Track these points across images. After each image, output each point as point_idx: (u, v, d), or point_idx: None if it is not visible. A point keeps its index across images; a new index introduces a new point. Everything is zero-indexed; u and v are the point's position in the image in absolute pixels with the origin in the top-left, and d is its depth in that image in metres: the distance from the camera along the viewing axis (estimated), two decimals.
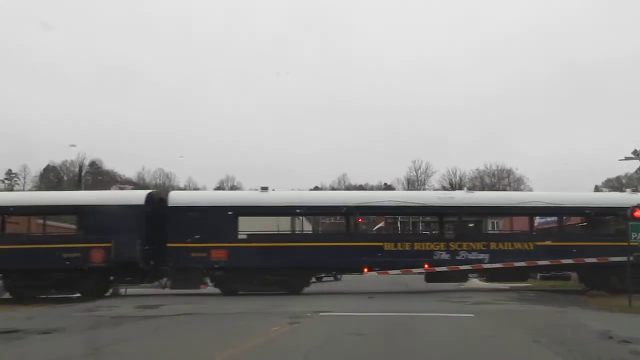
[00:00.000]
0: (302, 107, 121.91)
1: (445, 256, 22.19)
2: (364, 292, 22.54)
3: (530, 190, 68.09)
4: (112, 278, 23.03)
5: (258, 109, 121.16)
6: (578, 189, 39.38)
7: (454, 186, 79.48)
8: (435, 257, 22.18)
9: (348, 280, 29.91)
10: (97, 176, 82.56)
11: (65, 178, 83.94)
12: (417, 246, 22.50)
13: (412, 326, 12.88)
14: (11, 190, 75.61)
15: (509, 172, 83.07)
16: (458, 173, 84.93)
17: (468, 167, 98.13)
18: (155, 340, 11.38)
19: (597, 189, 70.14)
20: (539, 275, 29.01)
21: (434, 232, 25.47)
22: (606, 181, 78.90)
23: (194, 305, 18.06)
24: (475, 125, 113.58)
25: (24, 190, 73.58)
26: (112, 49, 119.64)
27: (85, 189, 56.20)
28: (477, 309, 16.30)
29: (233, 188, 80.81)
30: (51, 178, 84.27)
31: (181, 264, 21.84)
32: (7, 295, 22.69)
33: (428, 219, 33.79)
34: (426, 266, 22.18)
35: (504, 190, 72.03)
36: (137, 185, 71.44)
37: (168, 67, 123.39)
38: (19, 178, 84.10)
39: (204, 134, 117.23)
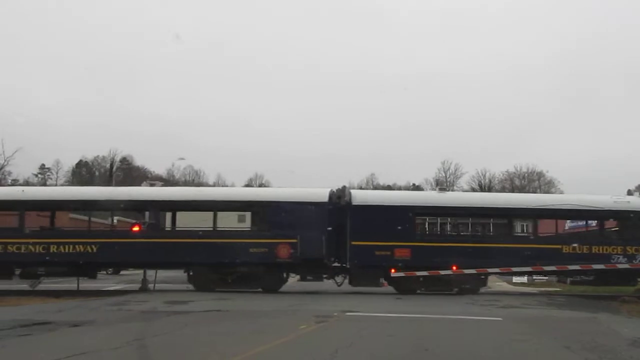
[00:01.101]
0: (328, 105, 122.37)
1: (622, 259, 22.29)
2: (390, 292, 22.46)
3: (561, 193, 67.07)
4: (292, 274, 23.61)
5: (284, 108, 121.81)
6: (612, 192, 38.48)
7: (483, 188, 78.71)
8: (612, 260, 22.30)
9: None
10: (127, 172, 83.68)
11: (97, 173, 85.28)
12: (594, 249, 22.58)
13: (440, 328, 12.83)
14: (44, 184, 77.01)
15: (540, 175, 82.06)
16: (487, 174, 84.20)
17: (497, 168, 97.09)
18: (184, 336, 11.51)
19: (629, 193, 68.76)
20: (569, 279, 28.60)
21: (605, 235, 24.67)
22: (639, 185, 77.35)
23: (222, 302, 18.20)
24: (504, 127, 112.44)
25: (56, 185, 74.81)
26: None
27: (115, 185, 57.00)
28: (506, 312, 16.14)
29: (261, 185, 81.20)
30: (83, 173, 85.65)
31: (364, 262, 22.14)
32: (45, 287, 23.14)
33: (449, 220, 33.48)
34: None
35: (534, 192, 71.11)
36: (166, 182, 72.21)
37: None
38: (51, 172, 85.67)
39: (229, 131, 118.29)
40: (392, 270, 22.18)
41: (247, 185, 79.00)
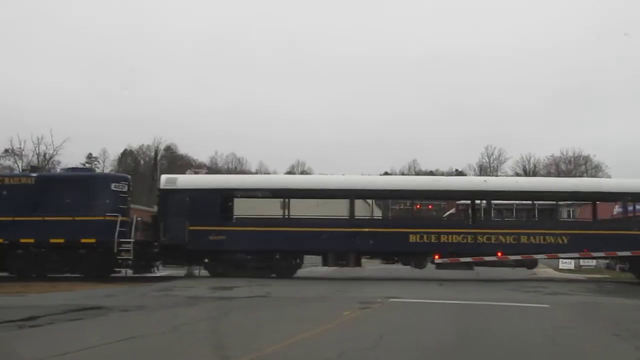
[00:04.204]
0: (361, 92, 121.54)
1: None
2: (433, 278, 22.34)
3: (609, 177, 65.30)
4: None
5: (322, 93, 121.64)
6: None
7: (528, 173, 77.48)
8: None
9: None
10: (172, 160, 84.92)
11: (142, 162, 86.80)
12: None
13: (485, 314, 12.71)
14: None
15: (586, 159, 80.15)
16: (532, 159, 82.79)
17: (542, 153, 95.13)
18: (228, 322, 11.67)
19: None
20: (618, 266, 27.91)
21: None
22: None
23: (266, 287, 18.36)
24: (550, 110, 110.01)
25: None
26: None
27: (160, 173, 57.93)
28: (553, 299, 15.85)
29: (303, 172, 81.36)
30: (128, 162, 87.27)
31: None
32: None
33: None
34: None
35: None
36: (210, 170, 73.02)
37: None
38: (98, 161, 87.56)
39: (272, 118, 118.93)
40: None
41: (289, 172, 79.34)
